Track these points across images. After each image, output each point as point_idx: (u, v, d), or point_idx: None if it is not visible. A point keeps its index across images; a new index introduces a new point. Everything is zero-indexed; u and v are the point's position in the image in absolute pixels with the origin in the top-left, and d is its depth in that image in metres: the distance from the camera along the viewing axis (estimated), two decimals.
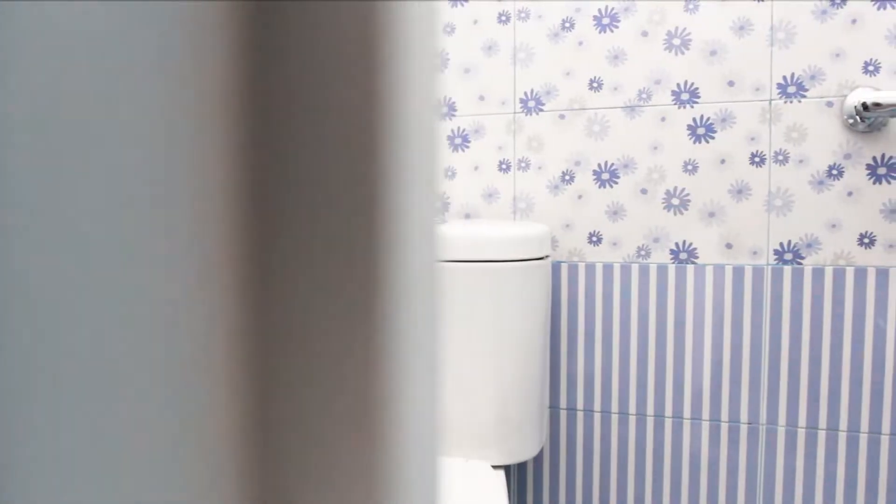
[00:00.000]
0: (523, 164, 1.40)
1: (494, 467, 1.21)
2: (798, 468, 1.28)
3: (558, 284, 1.39)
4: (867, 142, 1.22)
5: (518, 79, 1.39)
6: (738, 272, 1.29)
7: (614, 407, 1.38)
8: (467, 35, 1.42)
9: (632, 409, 1.37)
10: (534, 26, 1.38)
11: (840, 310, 1.25)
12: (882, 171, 1.22)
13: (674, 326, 1.33)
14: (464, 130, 1.44)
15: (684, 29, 1.30)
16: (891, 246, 1.22)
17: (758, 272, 1.28)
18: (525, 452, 1.24)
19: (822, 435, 1.27)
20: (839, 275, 1.24)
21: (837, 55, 1.23)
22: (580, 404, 1.40)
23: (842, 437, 1.26)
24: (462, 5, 1.42)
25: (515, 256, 1.19)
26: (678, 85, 1.30)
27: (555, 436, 1.42)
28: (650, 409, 1.36)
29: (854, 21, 1.21)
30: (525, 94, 1.39)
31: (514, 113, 1.40)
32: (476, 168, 1.43)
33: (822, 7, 1.23)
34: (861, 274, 1.23)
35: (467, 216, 1.45)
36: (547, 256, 1.29)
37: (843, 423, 1.26)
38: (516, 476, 1.46)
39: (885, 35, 1.20)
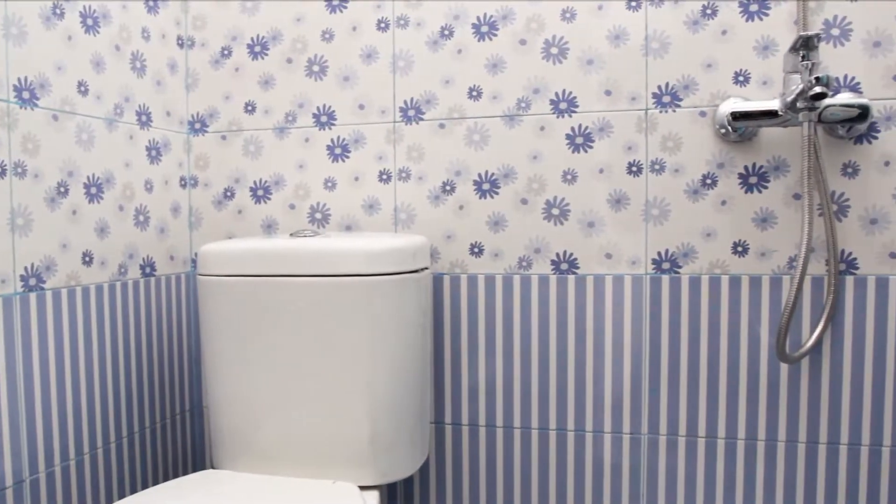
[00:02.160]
0: (404, 175, 1.33)
1: (365, 488, 1.12)
2: (679, 474, 1.24)
3: (440, 297, 1.32)
4: (739, 151, 1.19)
5: (398, 87, 1.32)
6: (618, 282, 1.25)
7: (499, 421, 1.31)
8: (346, 42, 1.34)
9: (517, 422, 1.30)
10: (413, 34, 1.31)
11: (716, 318, 1.21)
12: (753, 180, 1.19)
13: (556, 338, 1.27)
14: (343, 140, 1.35)
15: (562, 38, 1.25)
16: (763, 254, 1.19)
17: (637, 282, 1.24)
18: (401, 471, 1.16)
19: (701, 443, 1.23)
20: (715, 283, 1.21)
21: (709, 65, 1.20)
22: (465, 419, 1.32)
23: (720, 445, 1.22)
24: (341, 11, 1.34)
25: (388, 270, 1.11)
26: (557, 94, 1.25)
27: (440, 451, 1.34)
28: (535, 423, 1.29)
29: (724, 32, 1.19)
30: (405, 102, 1.32)
31: (395, 122, 1.32)
32: (356, 178, 1.35)
33: (694, 18, 1.19)
34: (735, 282, 1.20)
35: (348, 228, 1.36)
36: (425, 269, 1.21)
37: (721, 431, 1.22)
38: (402, 493, 1.37)
39: (753, 46, 1.18)
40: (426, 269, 1.22)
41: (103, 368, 1.20)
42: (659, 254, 1.22)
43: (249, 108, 1.38)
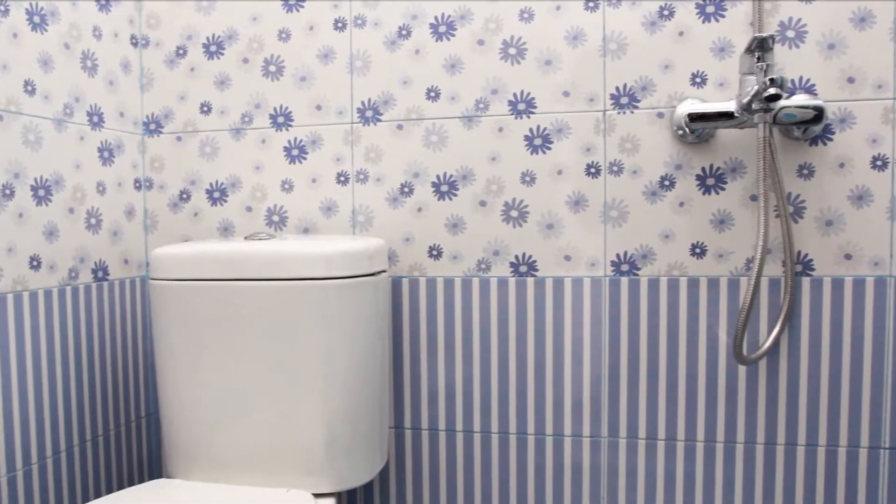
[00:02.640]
0: (362, 176, 1.31)
1: (322, 495, 1.10)
2: (639, 477, 1.23)
3: (399, 300, 1.30)
4: (696, 152, 1.19)
5: (355, 88, 1.30)
6: (577, 284, 1.24)
7: (459, 425, 1.29)
8: (303, 42, 1.32)
9: (477, 426, 1.29)
10: (371, 34, 1.29)
11: (675, 320, 1.21)
12: (711, 181, 1.19)
13: (515, 341, 1.26)
14: (301, 141, 1.33)
15: (520, 38, 1.23)
16: (720, 256, 1.19)
17: (596, 284, 1.23)
18: (359, 477, 1.14)
19: (661, 446, 1.23)
20: (673, 285, 1.21)
21: (667, 66, 1.19)
22: (425, 423, 1.31)
23: (680, 447, 1.22)
24: (297, 11, 1.31)
25: (344, 273, 1.09)
26: (515, 95, 1.24)
27: (400, 456, 1.32)
28: (495, 427, 1.28)
29: (681, 33, 1.18)
30: (363, 103, 1.30)
31: (352, 123, 1.30)
32: (314, 180, 1.33)
33: (652, 19, 1.19)
34: (694, 284, 1.20)
35: (306, 231, 1.34)
36: (382, 272, 1.19)
37: (681, 433, 1.22)
38: (362, 499, 1.35)
39: (710, 47, 1.18)
40: (384, 272, 1.20)
41: (52, 375, 1.16)
42: (618, 256, 1.21)
43: (205, 108, 1.35)
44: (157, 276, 1.12)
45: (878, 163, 1.13)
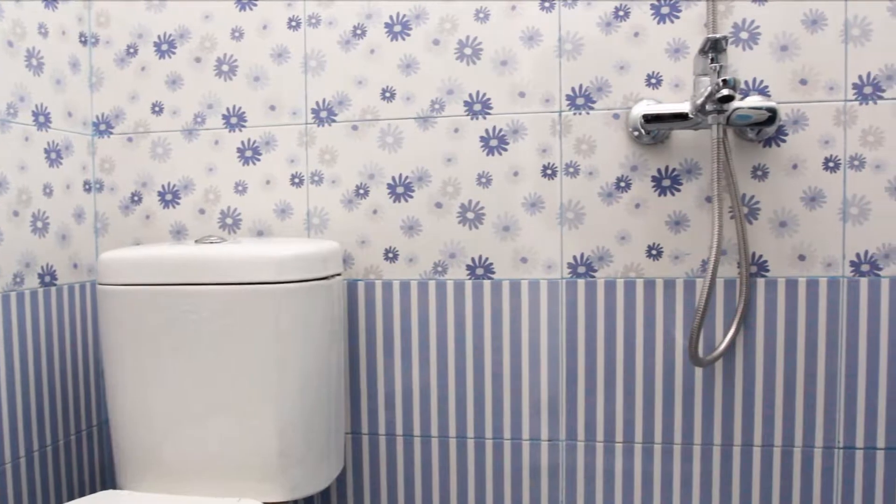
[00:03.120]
0: (316, 178, 1.28)
1: None
2: (598, 480, 1.23)
3: (355, 304, 1.28)
4: (652, 154, 1.19)
5: (310, 88, 1.28)
6: (534, 287, 1.23)
7: (417, 430, 1.28)
8: (257, 41, 1.29)
9: (434, 431, 1.27)
10: (325, 33, 1.27)
11: (632, 322, 1.20)
12: (666, 182, 1.18)
13: (472, 345, 1.25)
14: (254, 142, 1.30)
15: (475, 38, 1.22)
16: (676, 257, 1.19)
17: (552, 286, 1.22)
18: (314, 485, 1.12)
19: (619, 448, 1.22)
20: (630, 287, 1.20)
21: (622, 67, 1.19)
22: (382, 429, 1.29)
23: (637, 449, 1.21)
24: (250, 9, 1.29)
25: (297, 277, 1.07)
26: (471, 95, 1.23)
27: (357, 462, 1.30)
28: (453, 431, 1.27)
29: (637, 34, 1.18)
30: (317, 103, 1.28)
31: (307, 124, 1.28)
32: (268, 182, 1.30)
33: (607, 19, 1.18)
34: (650, 286, 1.20)
35: (260, 233, 1.31)
36: (337, 275, 1.17)
37: (638, 436, 1.21)
38: None
39: (665, 48, 1.17)
40: (338, 275, 1.18)
41: None
42: (574, 258, 1.20)
43: (157, 108, 1.32)
44: (104, 282, 1.09)
45: (831, 164, 1.13)
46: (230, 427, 1.06)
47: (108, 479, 1.40)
